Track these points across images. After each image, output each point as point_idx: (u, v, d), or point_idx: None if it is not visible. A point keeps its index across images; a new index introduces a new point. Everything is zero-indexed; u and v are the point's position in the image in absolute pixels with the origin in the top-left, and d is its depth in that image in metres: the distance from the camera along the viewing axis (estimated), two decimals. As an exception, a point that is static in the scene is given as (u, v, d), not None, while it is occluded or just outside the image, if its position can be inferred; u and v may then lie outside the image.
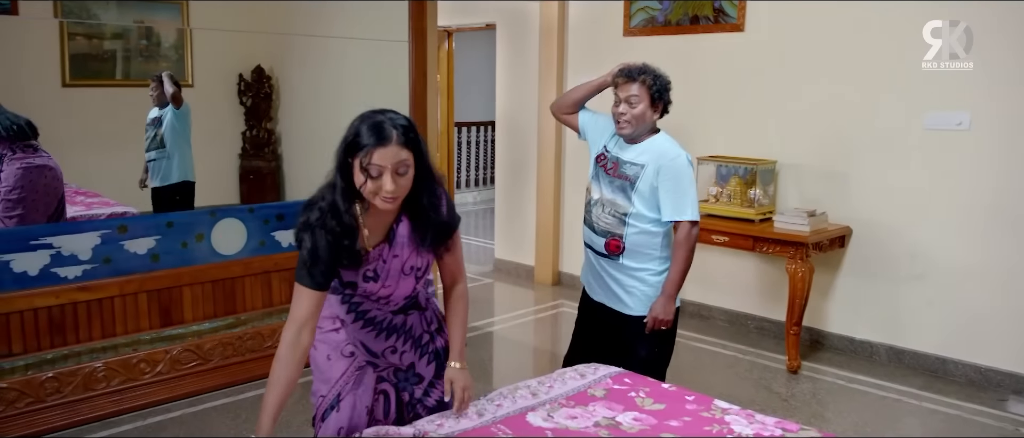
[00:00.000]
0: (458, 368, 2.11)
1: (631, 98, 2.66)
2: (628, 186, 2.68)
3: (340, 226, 1.85)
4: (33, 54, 3.60)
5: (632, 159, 2.70)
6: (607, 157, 2.78)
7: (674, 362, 4.22)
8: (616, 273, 2.73)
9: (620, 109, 2.68)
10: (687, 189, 2.65)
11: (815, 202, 4.27)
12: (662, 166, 2.64)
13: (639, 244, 2.69)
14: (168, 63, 4.04)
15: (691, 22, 4.74)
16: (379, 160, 1.79)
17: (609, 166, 2.76)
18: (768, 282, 4.58)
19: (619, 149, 2.76)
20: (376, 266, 1.95)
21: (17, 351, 3.20)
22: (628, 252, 2.69)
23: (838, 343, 4.33)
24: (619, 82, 2.70)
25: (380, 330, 2.09)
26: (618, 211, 2.69)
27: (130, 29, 3.87)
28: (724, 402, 2.26)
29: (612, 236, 2.71)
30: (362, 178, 1.80)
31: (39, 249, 3.25)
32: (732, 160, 4.42)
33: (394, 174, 1.80)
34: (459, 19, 6.12)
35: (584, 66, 5.36)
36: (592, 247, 2.80)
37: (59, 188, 3.41)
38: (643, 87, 2.67)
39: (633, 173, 2.68)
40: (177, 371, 3.42)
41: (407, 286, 2.02)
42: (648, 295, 2.71)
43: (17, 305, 3.19)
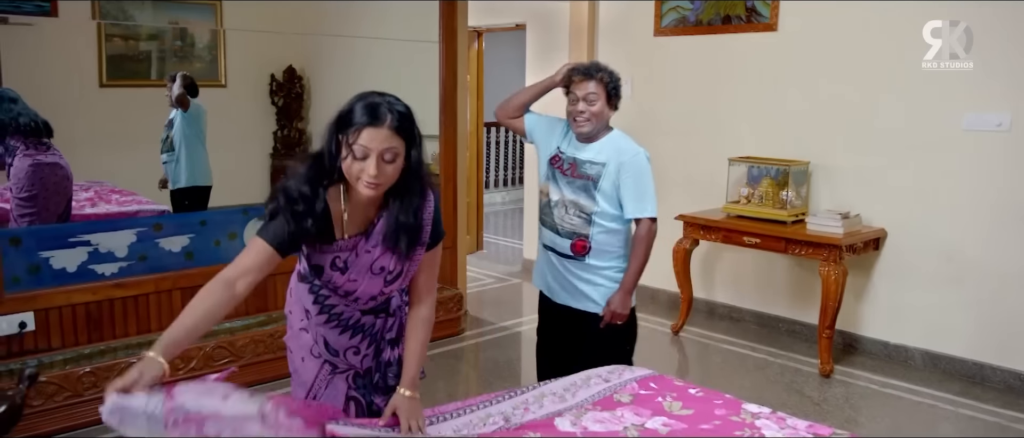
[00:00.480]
0: (407, 396, 1.93)
1: (589, 96, 2.64)
2: (591, 186, 2.67)
3: (305, 205, 1.77)
4: (72, 55, 3.68)
5: (591, 158, 2.68)
6: (562, 158, 2.75)
7: (703, 365, 4.21)
8: (583, 273, 2.72)
9: (579, 107, 2.66)
10: (647, 186, 2.67)
11: (849, 204, 4.21)
12: (623, 163, 2.65)
13: (604, 243, 2.69)
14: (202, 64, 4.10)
15: (723, 22, 4.69)
16: (367, 141, 1.71)
17: (566, 167, 2.73)
18: (800, 284, 4.53)
19: (575, 149, 2.73)
20: (347, 257, 1.88)
21: (56, 346, 3.28)
22: (594, 251, 2.69)
23: (872, 347, 4.27)
24: (576, 80, 2.68)
25: (345, 328, 2.00)
26: (583, 211, 2.68)
27: (165, 30, 3.93)
28: (754, 405, 2.23)
29: (578, 236, 2.70)
30: (347, 157, 1.73)
31: (78, 246, 3.32)
32: (764, 161, 4.37)
33: (380, 159, 1.72)
34: (489, 19, 6.13)
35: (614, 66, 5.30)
36: (554, 249, 2.77)
37: (68, 188, 3.45)
38: (600, 84, 2.66)
39: (595, 172, 2.67)
40: (210, 368, 3.46)
41: (373, 286, 1.93)
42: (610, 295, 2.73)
43: (56, 301, 3.27)
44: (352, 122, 1.73)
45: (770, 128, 4.55)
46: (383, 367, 2.10)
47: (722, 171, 4.55)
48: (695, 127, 4.90)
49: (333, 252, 1.88)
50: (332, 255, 1.88)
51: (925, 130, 3.97)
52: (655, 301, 5.20)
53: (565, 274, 2.75)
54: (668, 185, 5.01)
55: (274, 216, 1.79)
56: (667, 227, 4.60)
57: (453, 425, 2.06)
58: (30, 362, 3.12)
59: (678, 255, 4.52)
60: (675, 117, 5.00)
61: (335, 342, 2.01)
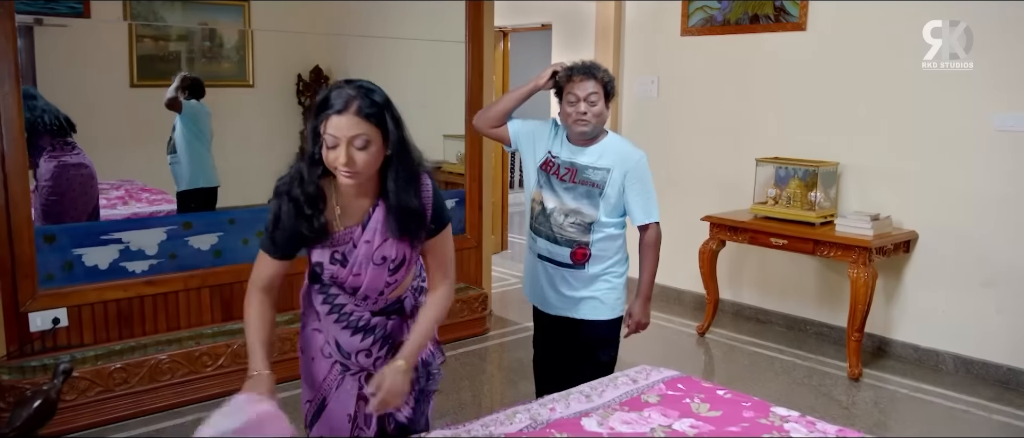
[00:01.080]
0: (398, 367, 1.86)
1: (591, 96, 2.51)
2: (595, 193, 2.55)
3: (304, 194, 1.80)
4: (103, 55, 3.74)
5: (593, 163, 2.56)
6: (557, 163, 2.60)
7: (730, 367, 4.19)
8: (581, 282, 2.62)
9: (581, 108, 2.51)
10: (652, 191, 2.60)
11: (879, 206, 4.16)
12: (628, 169, 2.55)
13: (603, 249, 2.60)
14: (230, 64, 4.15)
15: (751, 21, 4.66)
16: (333, 129, 1.72)
17: (563, 172, 2.59)
18: (828, 287, 4.48)
19: (572, 153, 2.59)
20: (345, 249, 1.87)
21: (88, 342, 3.34)
22: (593, 258, 2.59)
23: (902, 351, 4.21)
24: (575, 79, 2.53)
25: (355, 329, 1.97)
26: (583, 219, 2.56)
27: (194, 31, 3.99)
28: (783, 409, 2.22)
29: (578, 245, 2.58)
30: (323, 147, 1.76)
31: (110, 244, 3.38)
32: (792, 162, 4.33)
33: (349, 146, 1.72)
34: (515, 19, 6.14)
35: (641, 66, 5.32)
36: (551, 259, 2.63)
37: (94, 187, 3.48)
38: (599, 84, 2.54)
39: (599, 179, 2.55)
40: (238, 365, 3.50)
41: (378, 278, 1.90)
42: (618, 296, 2.67)
43: (89, 297, 3.32)
44: (322, 111, 1.75)
45: (798, 128, 4.51)
46: (417, 368, 2.06)
47: (749, 172, 4.52)
48: (722, 127, 4.87)
49: (330, 247, 1.88)
50: (330, 250, 1.88)
51: (958, 131, 3.91)
52: (681, 302, 5.17)
53: (561, 284, 2.64)
54: (694, 186, 4.99)
55: (278, 223, 1.84)
56: (693, 228, 4.60)
57: (480, 422, 2.06)
58: (63, 357, 3.18)
59: (704, 256, 4.49)
60: (702, 117, 4.97)
61: (347, 343, 1.98)
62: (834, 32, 4.32)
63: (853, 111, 4.28)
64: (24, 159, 3.11)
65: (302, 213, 1.81)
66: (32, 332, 3.21)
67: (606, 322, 2.66)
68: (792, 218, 4.20)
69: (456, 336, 4.35)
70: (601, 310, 2.64)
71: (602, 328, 2.66)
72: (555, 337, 2.76)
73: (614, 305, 2.67)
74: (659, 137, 5.23)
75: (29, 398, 2.71)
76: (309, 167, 1.81)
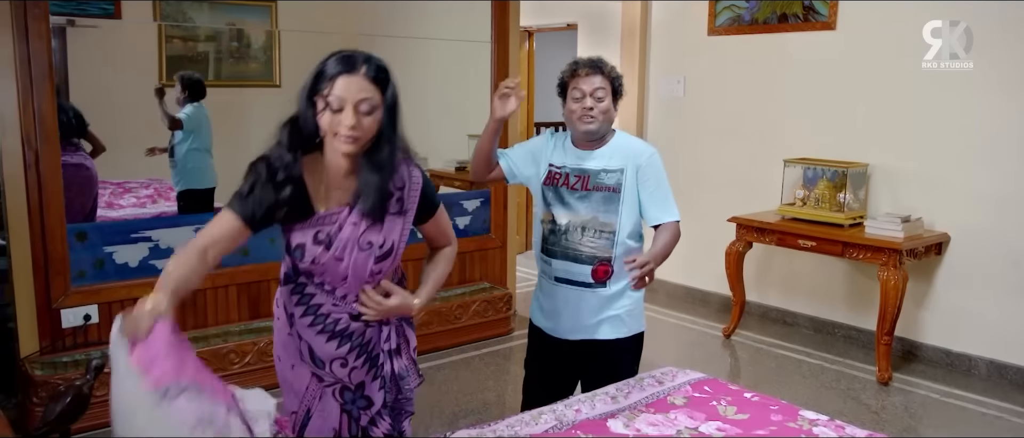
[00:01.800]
0: (413, 298, 1.93)
1: (597, 92, 2.35)
2: (614, 197, 2.38)
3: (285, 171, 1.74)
4: (133, 56, 3.80)
5: (605, 166, 2.39)
6: (563, 173, 2.43)
7: (756, 369, 4.16)
8: (602, 302, 2.43)
9: (587, 104, 2.35)
10: (667, 188, 2.43)
11: (910, 207, 4.11)
12: (640, 166, 2.38)
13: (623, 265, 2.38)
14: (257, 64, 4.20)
15: (779, 21, 4.62)
16: (341, 91, 1.68)
17: (573, 181, 2.41)
18: (857, 289, 4.44)
19: (578, 158, 2.42)
20: (331, 231, 1.80)
21: (118, 339, 3.39)
22: (615, 275, 2.41)
23: (933, 355, 4.16)
24: (581, 74, 2.38)
25: (332, 334, 1.89)
26: (605, 230, 2.39)
27: (222, 31, 4.03)
28: (811, 412, 2.20)
29: (601, 261, 2.40)
30: (325, 112, 1.69)
31: (140, 242, 3.44)
32: (821, 163, 4.30)
33: (356, 110, 1.68)
34: (540, 19, 6.14)
35: (667, 66, 5.30)
36: (569, 280, 2.44)
37: (91, 188, 3.50)
38: (607, 79, 2.39)
39: (615, 181, 2.38)
40: (264, 362, 3.54)
41: (361, 265, 1.82)
42: (639, 310, 2.51)
43: (119, 295, 3.38)
44: (326, 75, 1.70)
45: (827, 129, 4.47)
46: (389, 381, 1.97)
47: (777, 173, 4.49)
48: (749, 128, 4.84)
49: (314, 226, 1.80)
50: (314, 229, 1.80)
51: (991, 131, 3.85)
52: (706, 304, 5.15)
53: (581, 307, 2.44)
54: (721, 186, 4.97)
55: (252, 188, 1.74)
56: (719, 229, 4.57)
57: (505, 423, 2.07)
58: (95, 353, 3.23)
59: (731, 257, 4.47)
60: (729, 118, 4.95)
61: (321, 351, 1.90)
62: (864, 31, 4.27)
63: (884, 111, 4.23)
64: (57, 158, 3.17)
65: (281, 194, 1.74)
66: (64, 328, 3.27)
67: (628, 339, 2.51)
68: (821, 220, 4.16)
69: (480, 336, 4.36)
70: (622, 327, 2.49)
71: (624, 346, 2.51)
72: (563, 361, 2.55)
73: (637, 319, 2.52)
74: (685, 137, 5.21)
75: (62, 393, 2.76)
76: (294, 143, 1.75)
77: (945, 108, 4.01)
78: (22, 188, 3.11)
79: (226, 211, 1.75)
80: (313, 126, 1.75)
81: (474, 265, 4.56)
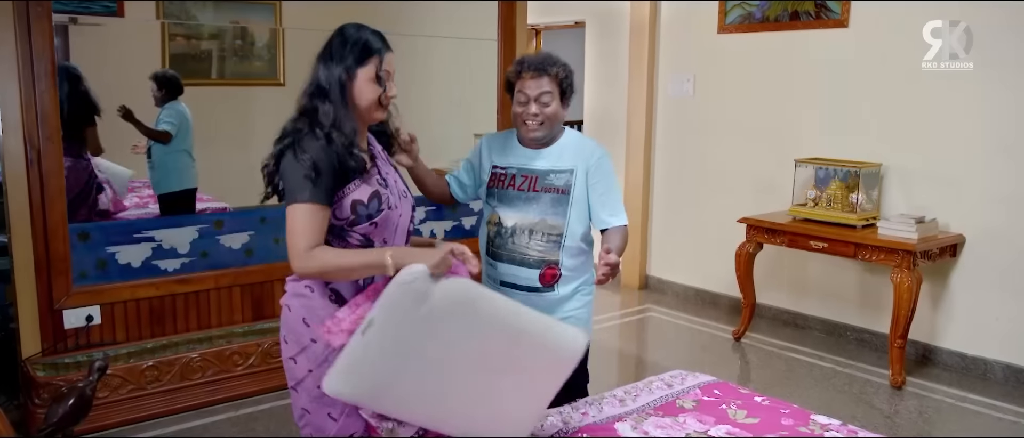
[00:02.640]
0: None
1: (543, 96, 2.29)
2: (563, 199, 2.32)
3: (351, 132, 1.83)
4: (136, 54, 3.81)
5: (553, 166, 2.34)
6: (508, 173, 2.37)
7: (766, 373, 4.15)
8: (549, 305, 2.36)
9: (531, 109, 2.29)
10: (617, 191, 2.40)
11: (924, 208, 4.09)
12: (590, 167, 2.33)
13: (573, 267, 2.38)
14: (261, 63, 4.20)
15: (791, 18, 4.61)
16: (389, 65, 1.91)
17: (519, 182, 2.35)
18: (870, 292, 4.42)
19: (526, 158, 2.37)
20: (378, 178, 1.92)
21: (121, 339, 3.41)
22: (564, 279, 2.37)
23: (948, 359, 4.14)
24: (525, 76, 2.30)
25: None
26: (553, 232, 2.33)
27: (226, 29, 4.04)
28: (823, 417, 2.20)
29: (548, 264, 2.34)
30: (374, 85, 1.87)
31: (143, 242, 3.45)
32: (833, 163, 4.28)
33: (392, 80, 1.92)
34: (548, 17, 6.14)
35: (676, 64, 5.30)
36: (515, 284, 2.38)
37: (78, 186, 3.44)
38: (554, 81, 2.30)
39: (564, 183, 2.32)
40: (268, 364, 3.55)
41: (407, 211, 1.97)
42: (586, 312, 2.43)
43: (122, 295, 3.39)
44: (373, 50, 1.88)
45: (839, 128, 4.45)
46: None
47: (788, 173, 4.47)
48: (760, 127, 4.83)
49: (373, 175, 1.91)
50: (374, 177, 1.91)
51: (1007, 131, 3.84)
52: (716, 306, 5.14)
53: None
54: (730, 186, 4.96)
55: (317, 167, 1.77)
56: (729, 230, 4.56)
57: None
58: (97, 354, 3.25)
59: (741, 259, 4.46)
60: (739, 117, 4.93)
61: None
62: (878, 29, 4.26)
63: (898, 110, 4.21)
64: (60, 157, 3.18)
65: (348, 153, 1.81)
66: (66, 329, 3.28)
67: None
68: (833, 221, 4.14)
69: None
70: None
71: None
72: None
73: (586, 322, 2.44)
74: (695, 137, 5.20)
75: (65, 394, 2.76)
76: (340, 105, 1.85)
77: (961, 108, 3.99)
78: (24, 187, 3.12)
79: (311, 207, 1.76)
80: (341, 95, 1.86)
81: (480, 266, 4.55)
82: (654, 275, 5.56)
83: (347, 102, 1.86)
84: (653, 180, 5.51)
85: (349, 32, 1.91)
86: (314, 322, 1.86)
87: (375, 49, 1.87)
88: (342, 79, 1.85)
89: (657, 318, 5.00)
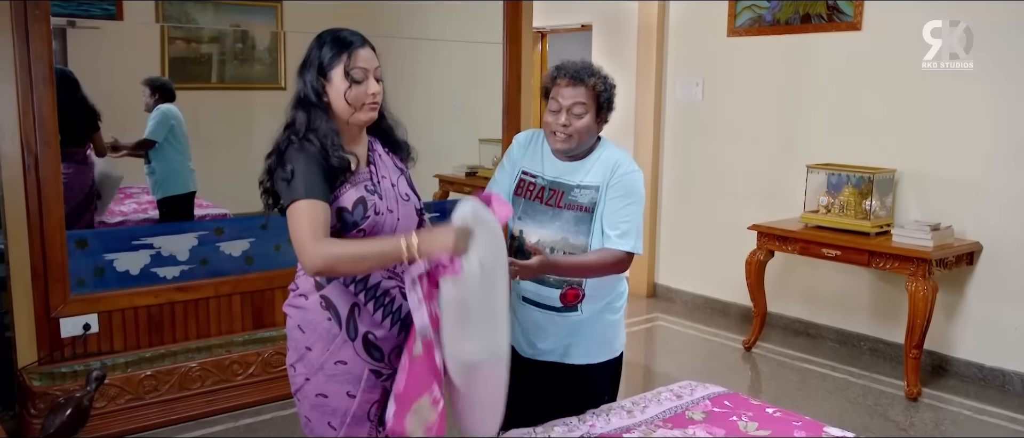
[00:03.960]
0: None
1: (575, 106, 2.17)
2: (585, 218, 2.21)
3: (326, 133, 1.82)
4: (135, 57, 3.83)
5: (581, 181, 2.23)
6: (537, 184, 2.27)
7: (778, 383, 4.14)
8: (573, 325, 2.30)
9: (561, 120, 2.18)
10: (635, 213, 2.21)
11: (940, 215, 4.09)
12: (612, 181, 2.21)
13: (598, 286, 2.29)
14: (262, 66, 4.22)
15: (802, 21, 4.62)
16: (363, 62, 1.85)
17: (547, 195, 2.25)
18: (884, 301, 4.41)
19: (558, 171, 2.26)
20: (368, 183, 1.90)
21: (119, 349, 3.42)
22: (588, 299, 2.28)
23: (964, 370, 4.13)
24: (560, 82, 2.20)
25: (396, 319, 1.90)
26: (574, 252, 2.22)
27: (226, 33, 4.06)
28: (837, 429, 2.19)
29: (570, 285, 2.25)
30: (346, 85, 1.83)
31: (141, 249, 3.46)
32: (845, 168, 4.28)
33: (374, 78, 1.87)
34: (554, 20, 6.15)
35: (685, 68, 5.30)
36: (536, 302, 2.30)
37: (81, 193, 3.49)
38: (592, 93, 2.18)
39: (588, 200, 2.22)
40: (268, 374, 3.56)
41: (408, 216, 1.94)
42: (615, 331, 2.37)
43: (120, 303, 3.40)
44: (345, 45, 1.85)
45: (852, 133, 4.45)
46: None
47: (799, 179, 4.47)
48: (771, 132, 4.83)
49: (361, 180, 1.88)
50: (362, 182, 1.88)
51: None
52: (726, 315, 5.13)
53: (550, 329, 2.31)
54: (740, 193, 4.95)
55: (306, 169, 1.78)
56: (740, 237, 4.56)
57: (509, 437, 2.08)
58: (94, 364, 3.26)
59: (751, 267, 4.45)
60: (749, 121, 4.94)
61: (382, 339, 1.89)
62: (891, 32, 4.26)
63: (912, 115, 4.21)
64: (57, 162, 3.18)
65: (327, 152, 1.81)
66: (63, 338, 3.29)
67: (603, 365, 2.37)
68: (846, 228, 4.14)
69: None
70: (596, 351, 2.35)
71: (599, 372, 2.36)
72: (534, 383, 2.37)
73: (612, 342, 2.39)
74: (704, 142, 5.20)
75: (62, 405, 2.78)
76: (316, 110, 1.85)
77: (978, 111, 3.98)
78: (21, 193, 3.13)
79: (312, 203, 1.76)
80: (318, 100, 1.86)
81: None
82: (662, 283, 5.56)
83: (325, 106, 1.86)
84: (661, 186, 5.51)
85: (322, 37, 1.91)
86: (308, 330, 1.89)
87: (346, 46, 1.86)
88: (315, 83, 1.86)
89: (666, 327, 5.00)
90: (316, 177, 1.77)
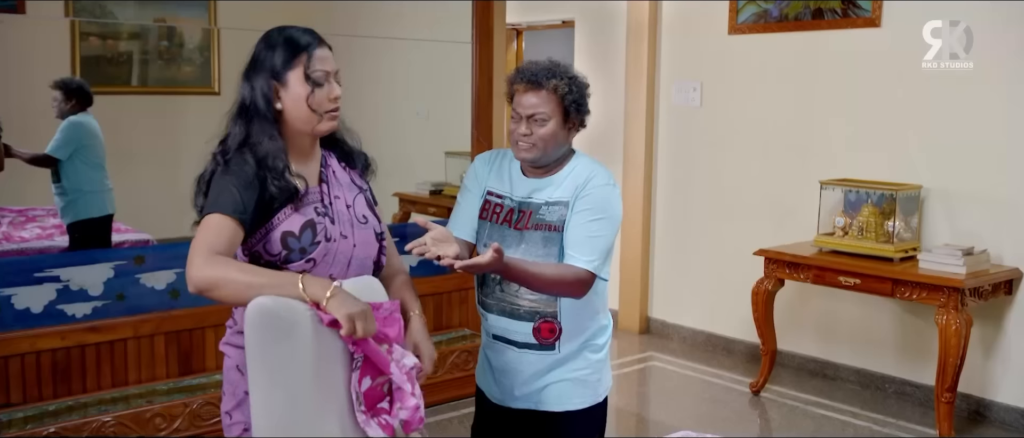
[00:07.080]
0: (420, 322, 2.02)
1: (538, 114, 2.18)
2: (554, 238, 2.20)
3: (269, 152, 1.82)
4: (40, 56, 3.76)
5: (549, 198, 2.23)
6: (505, 205, 2.28)
7: (791, 433, 4.11)
8: (549, 365, 2.29)
9: (522, 129, 2.19)
10: (605, 230, 2.21)
11: (973, 237, 4.11)
12: (581, 195, 2.20)
13: (577, 318, 2.27)
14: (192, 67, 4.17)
15: (813, 17, 4.65)
16: (322, 64, 1.88)
17: (516, 218, 2.26)
18: (911, 336, 4.42)
19: (526, 189, 2.27)
20: (318, 205, 1.91)
21: (16, 401, 3.30)
22: (565, 334, 2.26)
23: (1006, 416, 4.13)
24: (519, 88, 2.22)
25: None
26: None
27: (150, 29, 4.00)
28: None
29: (544, 317, 2.24)
30: (307, 89, 1.84)
31: (45, 282, 3.35)
32: (864, 185, 4.30)
33: (334, 80, 1.90)
34: (531, 16, 6.17)
35: (681, 70, 5.31)
36: (508, 339, 2.30)
37: None
38: (554, 97, 2.19)
39: (557, 218, 2.21)
40: (197, 428, 3.47)
41: (366, 242, 1.95)
42: (598, 372, 2.33)
43: (19, 347, 3.29)
44: (301, 47, 1.87)
45: (872, 145, 4.48)
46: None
47: (812, 196, 4.48)
48: (779, 143, 4.84)
49: (310, 202, 1.90)
50: (312, 205, 1.90)
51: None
52: (730, 353, 5.11)
53: (522, 370, 2.30)
54: (745, 213, 4.95)
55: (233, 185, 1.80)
56: (745, 264, 4.55)
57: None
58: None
59: (759, 298, 4.44)
60: (754, 131, 4.95)
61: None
62: (914, 30, 4.28)
63: (940, 124, 4.24)
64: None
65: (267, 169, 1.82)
66: (-51, 389, 3.18)
67: (583, 412, 2.33)
68: (865, 252, 4.15)
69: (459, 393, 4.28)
70: (575, 396, 2.31)
71: (580, 421, 2.33)
72: (509, 434, 2.38)
73: (594, 386, 2.35)
74: (702, 154, 5.20)
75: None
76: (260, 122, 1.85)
77: (1017, 121, 4.02)
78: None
79: (218, 218, 1.77)
80: (267, 109, 1.87)
81: (452, 309, 4.50)
82: (657, 318, 5.53)
83: (275, 115, 1.87)
84: (655, 204, 5.49)
85: (272, 36, 1.92)
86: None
87: (303, 45, 1.87)
88: (267, 90, 1.86)
89: (661, 368, 4.97)
90: (234, 191, 1.79)
